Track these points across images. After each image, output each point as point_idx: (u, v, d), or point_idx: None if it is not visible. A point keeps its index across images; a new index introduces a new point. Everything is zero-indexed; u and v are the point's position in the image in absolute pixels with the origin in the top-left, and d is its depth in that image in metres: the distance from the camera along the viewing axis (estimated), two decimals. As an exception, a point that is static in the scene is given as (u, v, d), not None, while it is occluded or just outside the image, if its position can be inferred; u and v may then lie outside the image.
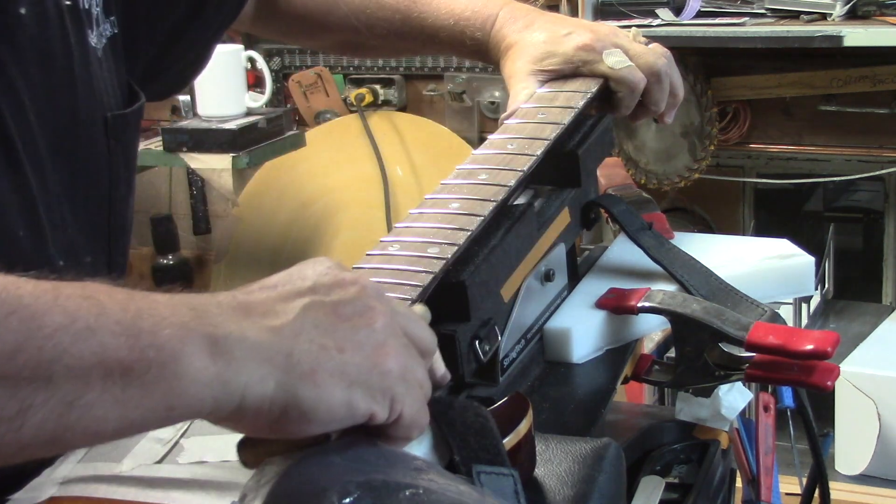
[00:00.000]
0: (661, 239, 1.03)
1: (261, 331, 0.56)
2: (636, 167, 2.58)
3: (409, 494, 0.55)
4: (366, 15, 1.16)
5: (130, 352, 0.51)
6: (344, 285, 0.61)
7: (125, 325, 0.51)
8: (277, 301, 0.58)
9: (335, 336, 0.58)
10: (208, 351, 0.54)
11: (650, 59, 1.08)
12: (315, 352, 0.57)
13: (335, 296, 0.60)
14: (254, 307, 0.57)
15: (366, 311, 0.60)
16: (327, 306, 0.59)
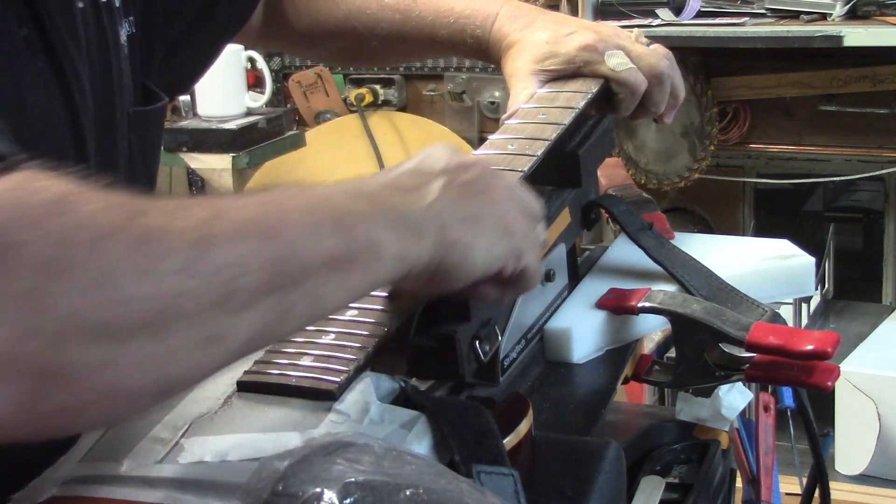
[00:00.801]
0: (661, 239, 1.03)
1: (416, 210, 0.67)
2: (636, 167, 2.58)
3: (409, 494, 0.55)
4: (366, 16, 1.16)
5: (346, 247, 0.62)
6: (468, 167, 0.73)
7: (336, 227, 0.62)
8: (421, 182, 0.70)
9: (471, 209, 0.70)
10: (391, 234, 0.64)
11: (652, 61, 1.08)
12: (458, 223, 0.69)
13: (464, 176, 0.72)
14: (407, 188, 0.69)
15: (490, 187, 0.73)
16: (460, 185, 0.71)
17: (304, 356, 0.71)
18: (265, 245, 0.58)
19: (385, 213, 0.65)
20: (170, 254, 0.54)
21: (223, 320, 0.56)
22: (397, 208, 0.66)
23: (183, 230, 0.55)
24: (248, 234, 0.58)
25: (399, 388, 0.70)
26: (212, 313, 0.55)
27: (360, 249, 0.62)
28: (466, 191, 0.71)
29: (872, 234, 2.75)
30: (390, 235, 0.64)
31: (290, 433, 0.64)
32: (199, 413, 0.68)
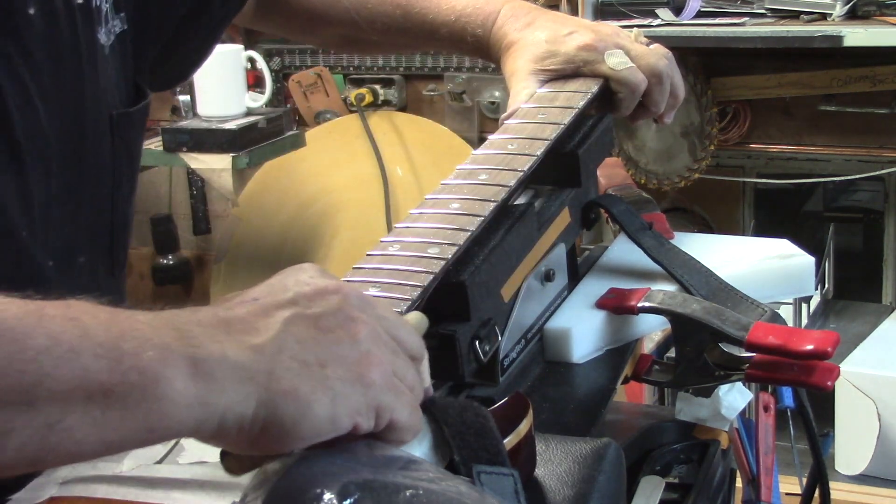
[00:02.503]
0: (661, 239, 1.03)
1: (242, 349, 0.56)
2: (636, 167, 2.58)
3: (409, 495, 0.55)
4: (367, 10, 1.16)
5: (112, 375, 0.51)
6: (325, 295, 0.60)
7: (107, 348, 0.51)
8: (259, 316, 0.58)
9: (317, 351, 0.58)
10: (190, 372, 0.53)
11: (651, 61, 1.08)
12: (296, 369, 0.56)
13: (317, 308, 0.59)
14: (234, 324, 0.57)
15: (348, 322, 0.59)
16: (308, 319, 0.58)
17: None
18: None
19: (190, 347, 0.54)
20: None
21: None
22: (211, 346, 0.54)
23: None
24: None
25: (399, 388, 0.70)
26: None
27: (134, 383, 0.51)
28: (315, 327, 0.58)
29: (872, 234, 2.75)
30: (187, 376, 0.53)
31: (290, 433, 0.64)
32: (199, 413, 0.68)
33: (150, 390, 0.52)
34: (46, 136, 0.83)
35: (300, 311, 0.59)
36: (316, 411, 0.56)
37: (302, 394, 0.56)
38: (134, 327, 0.53)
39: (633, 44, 1.09)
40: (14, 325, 0.49)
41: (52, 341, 0.50)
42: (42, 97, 0.83)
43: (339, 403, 0.57)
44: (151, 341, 0.52)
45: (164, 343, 0.53)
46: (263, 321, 0.58)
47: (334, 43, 1.28)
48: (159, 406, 0.52)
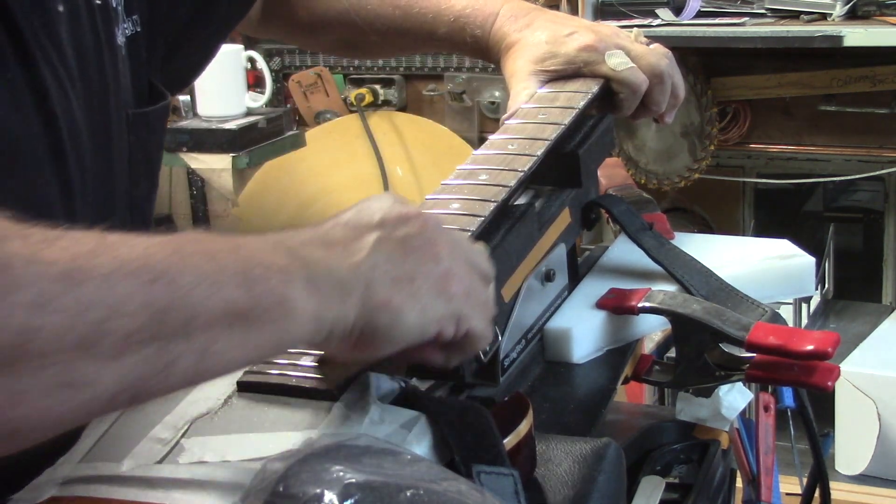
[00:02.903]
0: (661, 239, 1.03)
1: (343, 267, 0.63)
2: (636, 167, 2.58)
3: (409, 495, 0.55)
4: (366, 10, 1.16)
5: (249, 301, 0.57)
6: (408, 220, 0.67)
7: (242, 277, 0.57)
8: (351, 238, 0.65)
9: (404, 268, 0.65)
10: (307, 291, 0.60)
11: (652, 61, 1.08)
12: (388, 283, 0.64)
13: (401, 231, 0.66)
14: (333, 245, 0.64)
15: (429, 243, 0.67)
16: (395, 241, 0.65)
17: (304, 356, 0.71)
18: (147, 288, 0.53)
19: (304, 268, 0.60)
20: (24, 286, 0.49)
21: (85, 365, 0.51)
22: (319, 265, 0.61)
23: (50, 262, 0.51)
24: (128, 275, 0.53)
25: (399, 388, 0.70)
26: (71, 356, 0.50)
27: (267, 305, 0.57)
28: (402, 247, 0.65)
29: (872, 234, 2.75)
30: (306, 293, 0.59)
31: (290, 433, 0.64)
32: (199, 413, 0.68)
33: (279, 310, 0.58)
34: (80, 130, 0.84)
35: (387, 234, 0.66)
36: (406, 319, 0.64)
37: (394, 304, 0.63)
38: (255, 255, 0.59)
39: (633, 44, 1.09)
40: (166, 268, 0.54)
41: (198, 277, 0.55)
42: (74, 91, 0.84)
43: (426, 313, 0.65)
44: (274, 267, 0.59)
45: (284, 267, 0.59)
46: (356, 242, 0.64)
47: (335, 47, 1.28)
48: (286, 323, 0.59)
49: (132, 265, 0.53)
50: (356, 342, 0.63)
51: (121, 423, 0.69)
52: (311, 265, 0.61)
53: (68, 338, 0.50)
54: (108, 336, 0.51)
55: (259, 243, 0.60)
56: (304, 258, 0.61)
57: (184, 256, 0.56)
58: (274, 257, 0.59)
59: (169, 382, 0.55)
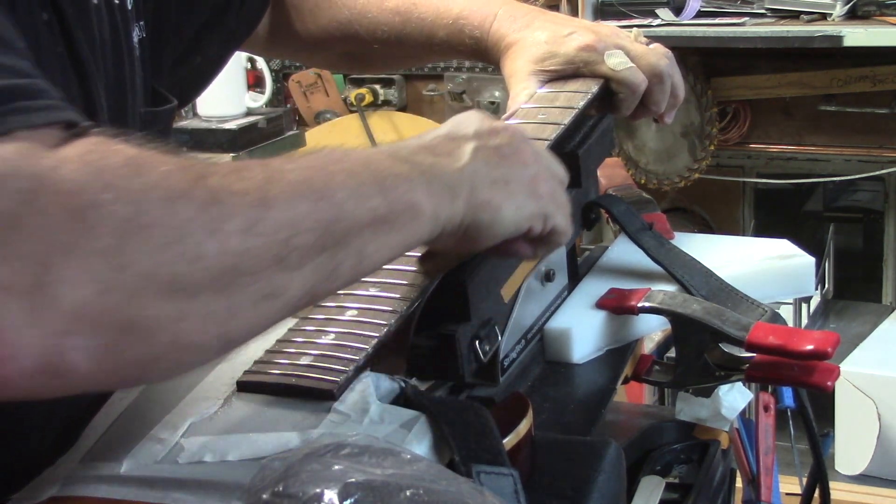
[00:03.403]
0: (661, 239, 1.03)
1: (450, 171, 0.71)
2: (636, 167, 2.58)
3: (409, 494, 0.55)
4: (367, 19, 1.16)
5: (388, 208, 0.65)
6: (498, 133, 0.77)
7: (378, 189, 0.65)
8: (452, 147, 0.73)
9: (501, 171, 0.74)
10: (427, 194, 0.68)
11: (652, 60, 1.08)
12: (488, 185, 0.73)
13: (495, 140, 0.76)
14: (439, 152, 0.72)
15: (518, 151, 0.76)
16: (490, 149, 0.74)
17: (304, 356, 0.71)
18: (316, 206, 0.61)
19: (422, 174, 0.68)
20: (234, 215, 0.57)
21: (280, 278, 0.59)
22: (433, 170, 0.69)
23: (243, 192, 0.58)
24: (302, 196, 0.61)
25: (399, 388, 0.70)
26: (270, 271, 0.58)
27: (400, 210, 0.66)
28: (496, 154, 0.74)
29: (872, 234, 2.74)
30: (427, 196, 0.68)
31: (290, 433, 0.64)
32: (199, 413, 0.68)
33: (409, 213, 0.67)
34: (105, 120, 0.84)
35: (483, 143, 0.75)
36: (504, 216, 0.73)
37: (494, 203, 0.73)
38: (383, 168, 0.67)
39: (632, 44, 1.09)
40: (323, 187, 0.62)
41: (348, 193, 0.63)
42: (106, 87, 0.85)
43: (520, 211, 0.74)
44: (400, 177, 0.67)
45: (407, 176, 0.67)
46: (457, 150, 0.73)
47: (339, 62, 1.29)
48: (415, 225, 0.67)
49: (300, 188, 0.61)
50: (461, 238, 0.72)
51: (121, 423, 0.69)
52: (426, 172, 0.69)
53: (267, 256, 0.58)
54: (295, 251, 0.59)
55: (379, 156, 0.68)
56: (419, 166, 0.69)
57: (332, 175, 0.63)
58: (397, 167, 0.67)
59: (335, 285, 0.63)
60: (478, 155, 0.73)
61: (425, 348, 0.79)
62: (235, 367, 0.72)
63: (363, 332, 0.73)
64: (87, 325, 0.52)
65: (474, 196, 0.71)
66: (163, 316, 0.54)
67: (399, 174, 0.67)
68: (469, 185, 0.71)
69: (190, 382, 0.72)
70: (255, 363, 0.72)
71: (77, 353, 0.52)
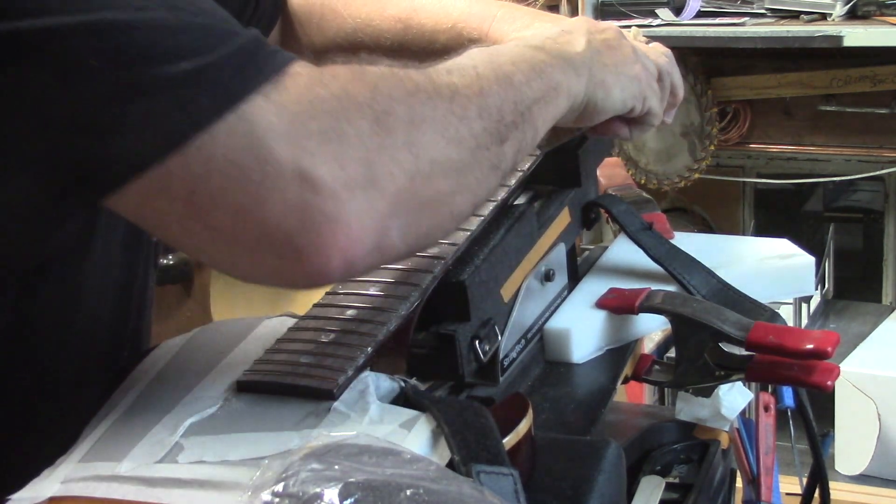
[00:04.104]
0: (661, 239, 1.03)
1: (574, 55, 0.84)
2: (636, 167, 2.58)
3: (409, 494, 0.55)
4: (371, 27, 1.17)
5: (546, 86, 0.78)
6: (604, 29, 0.90)
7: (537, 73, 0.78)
8: (570, 38, 0.86)
9: (610, 59, 0.87)
10: (564, 75, 0.81)
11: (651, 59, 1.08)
12: (602, 69, 0.86)
13: (602, 35, 0.89)
14: (561, 41, 0.85)
15: (622, 45, 0.90)
16: (600, 41, 0.88)
17: (304, 356, 0.71)
18: (509, 92, 0.74)
19: (557, 58, 0.81)
20: (469, 104, 0.70)
21: (500, 150, 0.72)
22: (562, 55, 0.82)
23: (467, 86, 0.71)
24: (500, 85, 0.74)
25: (399, 388, 0.70)
26: (496, 146, 0.72)
27: (552, 88, 0.79)
28: (605, 45, 0.88)
29: (872, 234, 2.74)
30: (563, 76, 0.81)
31: (290, 433, 0.64)
32: (199, 413, 0.68)
33: (559, 90, 0.80)
34: None
35: (594, 37, 0.87)
36: (615, 95, 0.87)
37: (608, 83, 0.86)
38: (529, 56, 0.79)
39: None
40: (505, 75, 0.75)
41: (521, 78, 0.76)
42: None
43: (626, 91, 0.88)
44: (545, 63, 0.80)
45: (549, 61, 0.80)
46: (576, 40, 0.86)
47: None
48: (560, 100, 0.80)
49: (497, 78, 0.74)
50: (581, 113, 0.85)
51: (120, 422, 0.69)
52: (559, 56, 0.82)
53: (494, 133, 0.72)
54: (505, 128, 0.73)
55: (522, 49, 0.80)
56: (553, 52, 0.82)
57: (503, 66, 0.76)
58: (539, 55, 0.80)
59: (524, 152, 0.77)
60: (591, 44, 0.86)
61: (425, 348, 0.79)
62: (235, 367, 0.72)
63: (363, 331, 0.73)
64: (403, 207, 0.65)
65: (592, 77, 0.84)
66: (446, 192, 0.68)
67: (543, 60, 0.80)
68: (588, 67, 0.84)
69: (190, 382, 0.72)
70: (255, 363, 0.72)
71: (396, 231, 0.65)
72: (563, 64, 0.82)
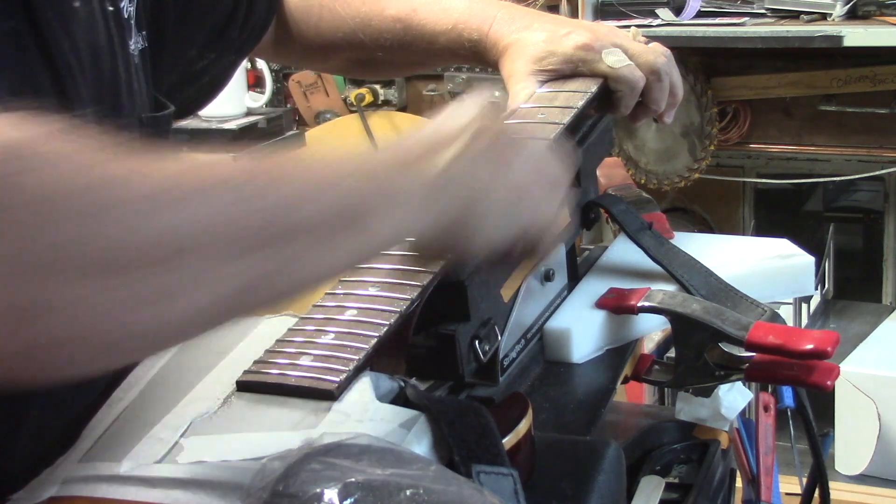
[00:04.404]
0: (661, 239, 1.03)
1: (424, 179, 0.67)
2: (636, 167, 2.58)
3: (409, 494, 0.55)
4: (370, 28, 1.17)
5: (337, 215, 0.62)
6: (485, 133, 0.72)
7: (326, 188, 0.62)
8: (435, 148, 0.70)
9: (482, 177, 0.70)
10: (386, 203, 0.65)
11: (650, 58, 1.08)
12: (469, 194, 0.69)
13: (481, 142, 0.71)
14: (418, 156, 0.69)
15: (504, 154, 0.73)
16: (476, 151, 0.70)
17: (304, 356, 0.71)
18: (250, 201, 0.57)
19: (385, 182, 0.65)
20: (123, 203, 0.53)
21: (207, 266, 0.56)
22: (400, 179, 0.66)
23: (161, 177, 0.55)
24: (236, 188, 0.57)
25: (399, 388, 0.70)
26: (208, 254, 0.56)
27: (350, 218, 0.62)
28: (482, 158, 0.71)
29: (872, 234, 2.75)
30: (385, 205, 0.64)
31: (290, 433, 0.64)
32: (199, 413, 0.68)
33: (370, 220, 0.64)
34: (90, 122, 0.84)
35: (469, 144, 0.71)
36: (487, 227, 0.70)
37: (477, 211, 0.70)
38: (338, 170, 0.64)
39: (630, 42, 1.10)
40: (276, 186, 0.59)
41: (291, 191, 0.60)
42: (86, 90, 0.84)
43: (504, 219, 0.71)
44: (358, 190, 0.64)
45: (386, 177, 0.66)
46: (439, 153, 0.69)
47: (346, 68, 1.30)
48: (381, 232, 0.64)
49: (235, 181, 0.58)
50: (442, 246, 0.71)
51: (120, 422, 0.69)
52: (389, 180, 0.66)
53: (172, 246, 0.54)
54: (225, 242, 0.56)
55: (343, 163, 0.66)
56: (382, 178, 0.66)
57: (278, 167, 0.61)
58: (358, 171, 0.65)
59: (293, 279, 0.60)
60: (459, 158, 0.69)
61: (425, 348, 0.79)
62: (235, 367, 0.72)
63: (363, 332, 0.73)
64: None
65: (450, 205, 0.68)
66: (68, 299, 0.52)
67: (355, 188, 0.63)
68: (445, 192, 0.68)
69: (190, 382, 0.72)
70: (255, 363, 0.72)
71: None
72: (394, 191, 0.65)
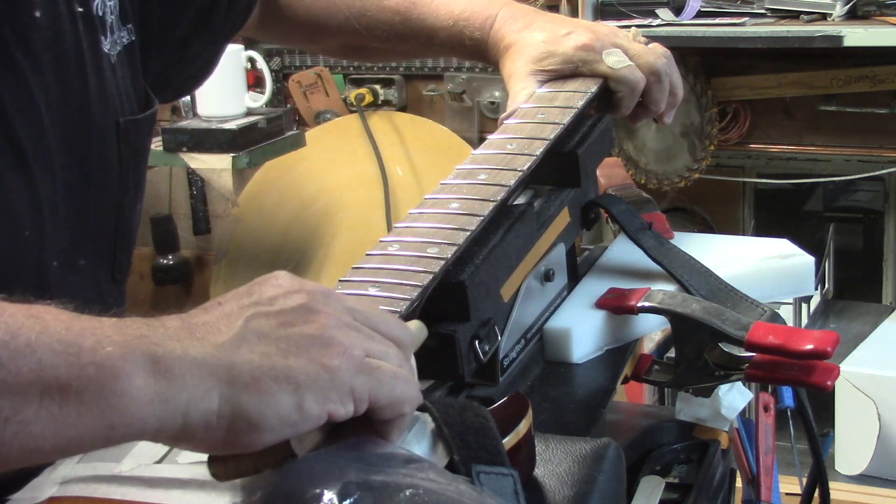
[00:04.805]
0: (660, 239, 1.03)
1: (203, 347, 0.56)
2: (636, 167, 2.58)
3: (409, 494, 0.55)
4: (366, 18, 1.16)
5: (69, 369, 0.51)
6: (288, 294, 0.61)
7: (66, 343, 0.52)
8: (221, 318, 0.59)
9: (279, 343, 0.58)
10: (150, 369, 0.54)
11: (650, 59, 1.08)
12: (257, 361, 0.57)
13: (278, 305, 0.60)
14: (197, 327, 0.58)
15: (310, 315, 0.60)
16: (270, 316, 0.59)
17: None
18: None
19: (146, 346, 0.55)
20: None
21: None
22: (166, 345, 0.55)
23: None
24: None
25: (399, 388, 0.70)
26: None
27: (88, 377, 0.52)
28: (277, 322, 0.59)
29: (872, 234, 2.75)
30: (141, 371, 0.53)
31: (290, 433, 0.64)
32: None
33: (108, 385, 0.52)
34: (48, 139, 0.84)
35: (262, 310, 0.59)
36: (280, 401, 0.56)
37: (264, 385, 0.56)
38: (95, 326, 0.54)
39: (631, 43, 1.10)
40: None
41: (9, 335, 0.51)
42: (47, 100, 0.83)
43: (305, 392, 0.57)
44: (111, 338, 0.53)
45: (125, 340, 0.53)
46: (226, 322, 0.58)
47: (336, 52, 1.29)
48: (118, 401, 0.52)
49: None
50: (227, 433, 0.56)
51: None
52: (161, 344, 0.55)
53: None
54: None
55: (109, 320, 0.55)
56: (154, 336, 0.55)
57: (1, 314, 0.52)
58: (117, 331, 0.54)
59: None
60: (249, 325, 0.58)
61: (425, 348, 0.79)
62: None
63: (363, 332, 0.73)
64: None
65: (235, 377, 0.56)
66: None
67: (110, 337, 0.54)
68: (228, 363, 0.56)
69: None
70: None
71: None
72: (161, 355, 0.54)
